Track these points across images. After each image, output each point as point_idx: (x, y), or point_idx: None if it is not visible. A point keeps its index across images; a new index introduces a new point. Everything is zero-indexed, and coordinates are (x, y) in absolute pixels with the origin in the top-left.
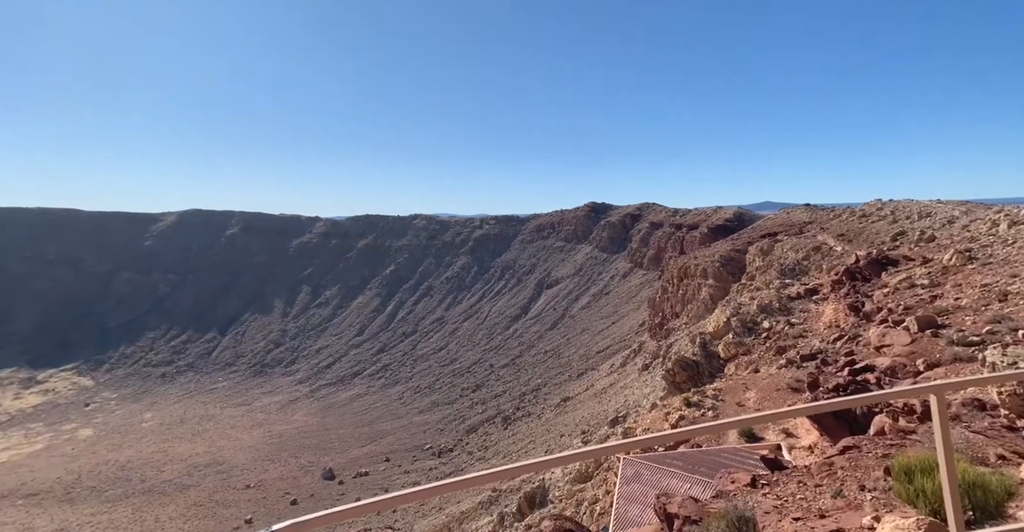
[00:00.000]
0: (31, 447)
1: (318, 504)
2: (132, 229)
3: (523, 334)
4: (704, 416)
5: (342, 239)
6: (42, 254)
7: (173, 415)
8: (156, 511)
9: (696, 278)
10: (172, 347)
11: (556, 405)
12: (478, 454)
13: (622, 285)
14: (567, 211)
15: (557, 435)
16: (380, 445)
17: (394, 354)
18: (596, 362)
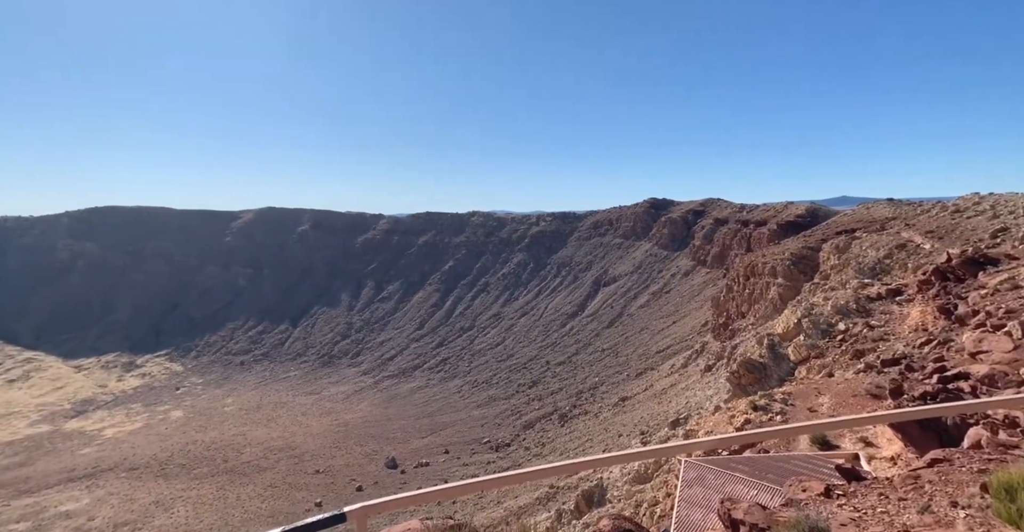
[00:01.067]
0: (132, 425)
1: (382, 491)
2: (214, 226)
3: (579, 332)
4: (772, 420)
5: (403, 236)
6: (139, 249)
7: (251, 401)
8: (237, 490)
9: (764, 277)
10: (250, 337)
11: (614, 404)
12: (535, 450)
13: (683, 283)
14: (625, 207)
15: (615, 435)
16: (440, 437)
17: (452, 348)
18: (655, 362)
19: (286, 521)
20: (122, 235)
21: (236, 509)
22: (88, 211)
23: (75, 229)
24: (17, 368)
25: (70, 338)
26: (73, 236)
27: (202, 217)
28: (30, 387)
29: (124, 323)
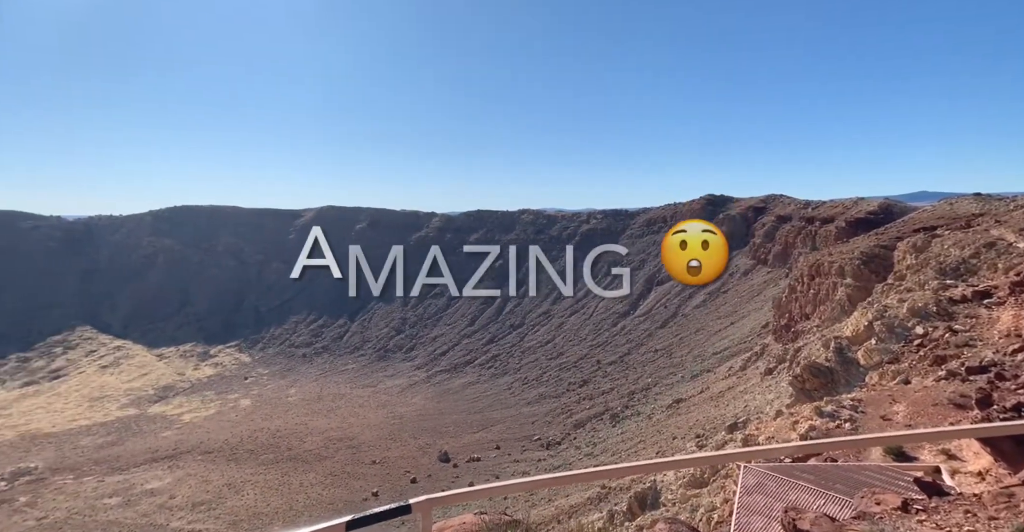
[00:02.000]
0: (206, 411)
1: (435, 484)
2: (279, 223)
3: (632, 331)
4: (839, 428)
5: (455, 233)
6: (213, 246)
7: (312, 392)
8: (300, 477)
9: (831, 277)
10: (311, 331)
11: (668, 406)
12: (586, 450)
13: (742, 283)
14: (680, 204)
15: (669, 437)
16: (491, 433)
17: (502, 345)
18: (712, 364)
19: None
20: (198, 232)
21: (299, 495)
22: (169, 210)
23: (157, 227)
24: (109, 355)
25: (153, 328)
26: (155, 233)
27: (268, 215)
28: (120, 373)
29: (199, 315)
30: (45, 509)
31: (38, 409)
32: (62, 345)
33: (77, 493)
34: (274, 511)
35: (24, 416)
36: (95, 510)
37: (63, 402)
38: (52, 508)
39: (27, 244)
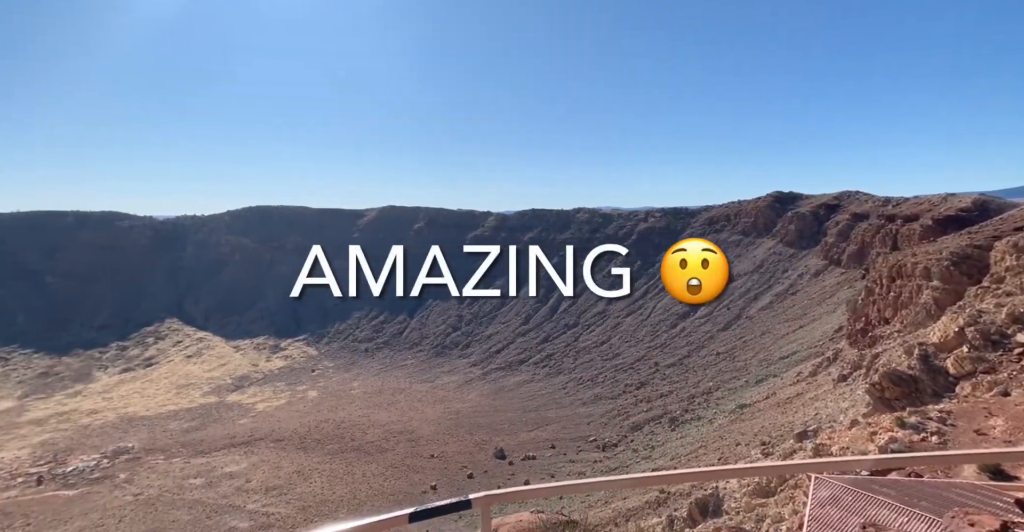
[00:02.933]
0: (277, 401)
1: (491, 481)
2: (343, 223)
3: (691, 333)
4: (925, 441)
5: (510, 233)
6: (283, 244)
7: (373, 386)
8: (363, 467)
9: (915, 279)
10: (372, 326)
11: (730, 411)
12: (643, 453)
13: (813, 285)
14: (745, 202)
15: (732, 443)
16: (545, 432)
17: (557, 345)
18: (779, 369)
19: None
20: (270, 231)
21: (362, 485)
22: (244, 210)
23: (234, 226)
24: (193, 346)
25: (230, 321)
26: (232, 232)
27: (333, 215)
28: (202, 362)
29: (271, 310)
30: (140, 486)
31: (134, 394)
32: (153, 335)
33: (167, 472)
34: (339, 499)
35: (123, 399)
36: (182, 489)
37: (155, 388)
38: (146, 485)
39: (124, 242)
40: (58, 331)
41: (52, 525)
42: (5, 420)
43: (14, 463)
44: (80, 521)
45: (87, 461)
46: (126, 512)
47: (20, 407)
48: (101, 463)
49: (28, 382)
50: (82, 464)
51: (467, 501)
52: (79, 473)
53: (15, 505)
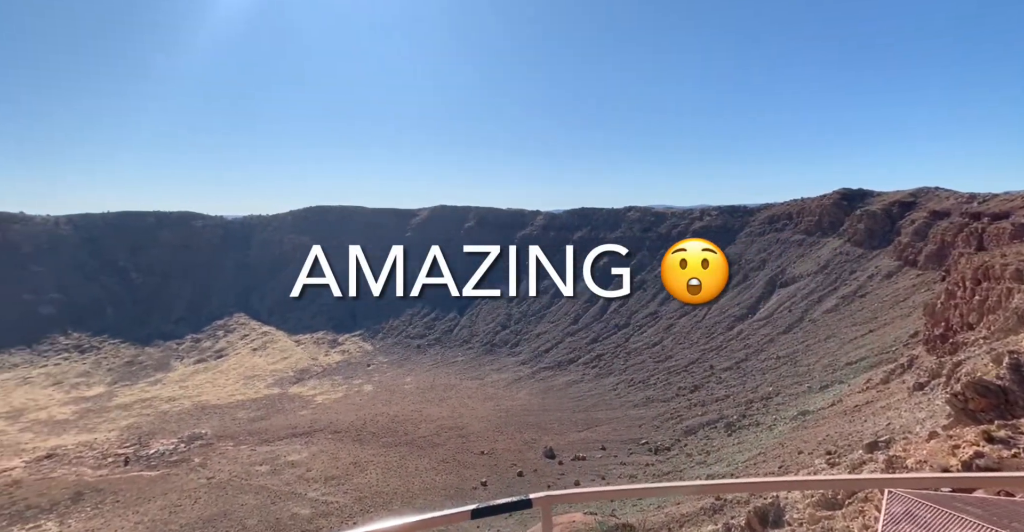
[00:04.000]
0: (335, 394)
1: (541, 479)
2: (396, 222)
3: (749, 336)
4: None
5: (559, 231)
6: (341, 243)
7: (425, 381)
8: (415, 461)
9: (1004, 281)
10: (424, 323)
11: (792, 418)
12: (698, 457)
13: (885, 287)
14: (809, 199)
15: (794, 451)
16: (596, 433)
17: (607, 345)
18: (846, 375)
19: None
20: (329, 230)
21: (415, 478)
22: (305, 210)
23: (296, 225)
24: (258, 339)
25: (292, 317)
26: (294, 231)
27: (388, 214)
28: (267, 355)
29: (329, 306)
30: (213, 470)
31: (207, 383)
32: (223, 329)
33: (236, 459)
34: (393, 491)
35: (197, 388)
36: (249, 475)
37: (224, 379)
38: (218, 470)
39: (198, 240)
40: (141, 323)
41: (137, 503)
42: (98, 404)
43: (105, 444)
44: (161, 500)
45: (166, 445)
46: (200, 494)
47: (110, 393)
48: (178, 447)
49: (116, 370)
50: (162, 447)
51: (528, 500)
52: (160, 456)
53: (106, 483)
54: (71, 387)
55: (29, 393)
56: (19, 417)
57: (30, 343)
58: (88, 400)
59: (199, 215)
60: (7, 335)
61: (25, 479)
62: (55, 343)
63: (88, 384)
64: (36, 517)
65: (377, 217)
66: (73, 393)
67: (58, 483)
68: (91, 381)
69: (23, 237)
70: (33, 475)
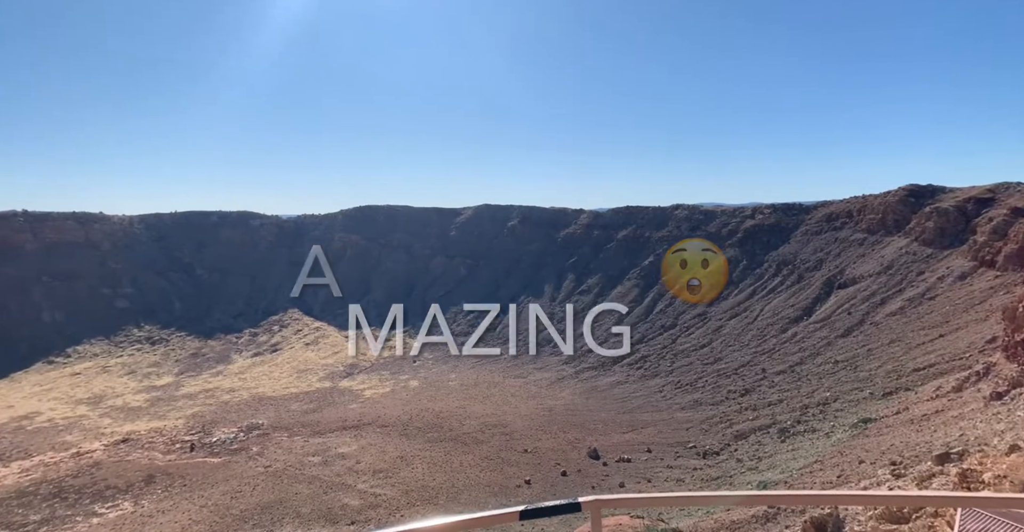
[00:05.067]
0: (383, 389)
1: (585, 480)
2: (442, 221)
3: (805, 339)
4: None
5: (603, 230)
6: (389, 241)
7: (469, 379)
8: (460, 457)
9: None
10: (468, 321)
11: (852, 425)
12: (749, 463)
13: (957, 289)
14: (871, 197)
15: (854, 460)
16: (641, 435)
17: (653, 346)
18: (912, 381)
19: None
20: (377, 229)
21: (460, 474)
22: (355, 209)
23: (346, 224)
24: (311, 334)
25: (342, 313)
26: (345, 230)
27: (433, 213)
28: (319, 350)
29: (377, 302)
30: (269, 459)
31: (263, 376)
32: (278, 324)
33: (290, 449)
34: (439, 486)
35: (254, 380)
36: (303, 465)
37: (279, 372)
38: (274, 459)
39: (255, 238)
40: (205, 317)
41: (203, 487)
42: (167, 393)
43: (173, 431)
44: (223, 486)
45: (227, 434)
46: (258, 481)
47: (177, 383)
48: (238, 436)
49: (183, 361)
50: (224, 436)
51: (576, 504)
52: (221, 444)
53: (175, 467)
54: (143, 376)
55: (107, 381)
56: (99, 403)
57: (108, 334)
58: (158, 389)
59: (257, 214)
60: (88, 327)
61: (104, 461)
62: (129, 335)
63: (158, 374)
64: (114, 497)
65: (423, 215)
66: (145, 382)
67: (133, 466)
68: (160, 371)
69: (102, 235)
70: (111, 457)
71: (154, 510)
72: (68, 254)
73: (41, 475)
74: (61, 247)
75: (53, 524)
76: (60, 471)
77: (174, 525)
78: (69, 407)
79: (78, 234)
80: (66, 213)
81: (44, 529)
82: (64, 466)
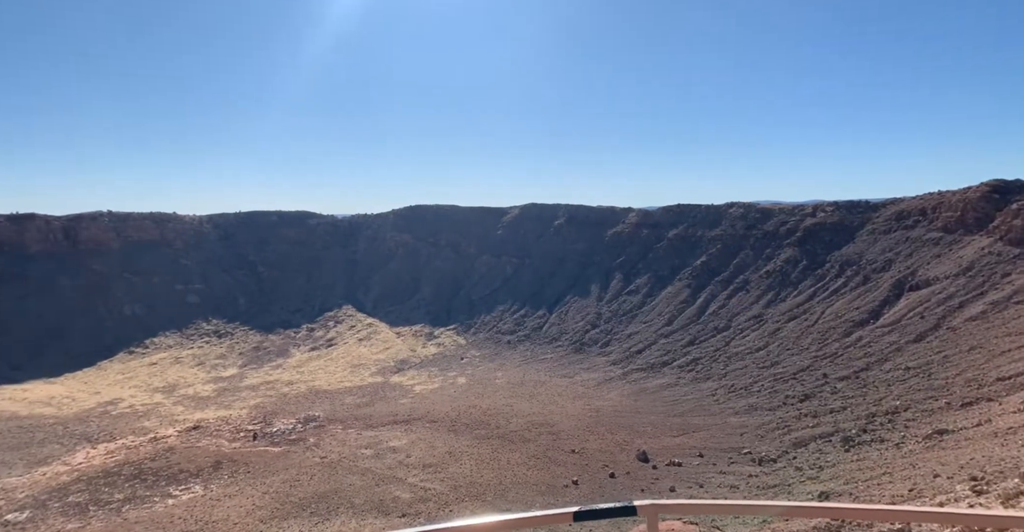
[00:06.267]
0: (431, 385)
1: (634, 483)
2: (489, 220)
3: (871, 344)
4: None
5: (653, 229)
6: (437, 240)
7: (515, 377)
8: (507, 455)
9: None
10: (514, 319)
11: (926, 436)
12: (809, 472)
13: None
14: (948, 193)
15: (928, 473)
16: (692, 439)
17: (705, 348)
18: (995, 391)
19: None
20: (427, 228)
21: (507, 472)
22: (406, 209)
23: (397, 224)
24: (364, 330)
25: (393, 310)
26: (396, 229)
27: (480, 213)
28: (371, 346)
29: (427, 300)
30: (325, 450)
31: (319, 370)
32: (333, 320)
33: (344, 441)
34: (487, 482)
35: (311, 374)
36: (356, 457)
37: (334, 366)
38: (329, 450)
39: (312, 237)
40: (266, 312)
41: (264, 474)
42: (232, 384)
43: (238, 420)
44: (283, 474)
45: (286, 424)
46: (314, 471)
47: (241, 375)
48: (296, 427)
49: (246, 354)
50: (283, 427)
51: (632, 507)
52: (281, 434)
53: (239, 455)
54: (211, 368)
55: (180, 372)
56: (172, 392)
57: (180, 327)
58: (224, 380)
59: (313, 214)
60: (163, 320)
61: (177, 446)
62: (199, 328)
63: (224, 366)
64: (186, 480)
65: (471, 215)
66: (213, 373)
67: (202, 452)
68: (226, 363)
69: (175, 234)
70: (184, 443)
71: (221, 494)
72: (146, 252)
73: (124, 457)
74: (140, 246)
75: (134, 503)
76: (140, 454)
77: (239, 509)
78: (147, 395)
79: (154, 233)
80: (144, 213)
81: (127, 507)
82: (143, 450)
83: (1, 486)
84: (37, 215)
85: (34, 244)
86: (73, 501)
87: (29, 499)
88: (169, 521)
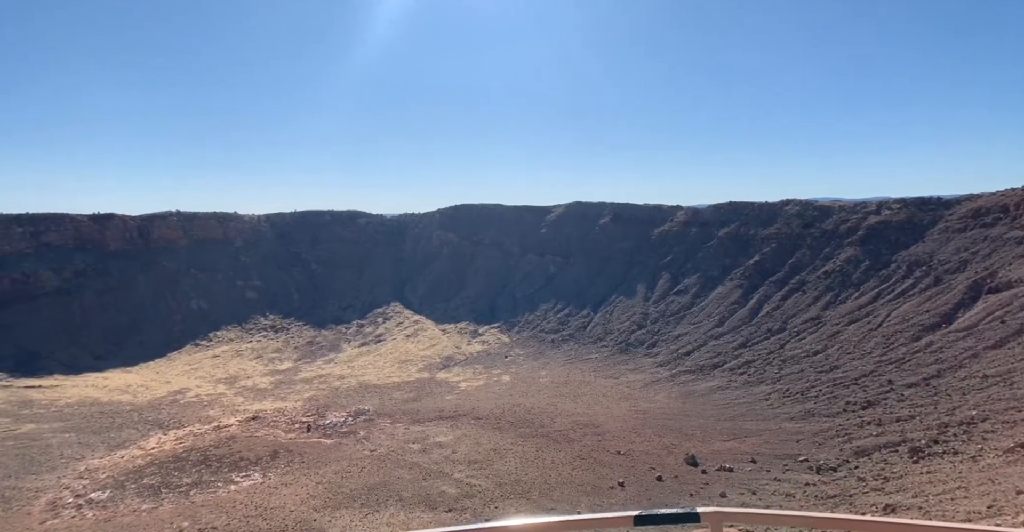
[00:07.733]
0: (476, 382)
1: (682, 487)
2: (533, 219)
3: (943, 349)
4: None
5: (702, 227)
6: (481, 239)
7: (559, 376)
8: (551, 454)
9: None
10: (558, 318)
11: (1007, 450)
12: (873, 483)
13: None
14: None
15: (1010, 490)
16: (744, 444)
17: (758, 351)
18: None
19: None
20: (471, 227)
21: (552, 471)
22: (451, 208)
23: (443, 223)
24: (411, 327)
25: (439, 307)
26: (442, 228)
27: (524, 211)
28: (417, 342)
29: (471, 298)
30: (374, 443)
31: (369, 365)
32: (382, 316)
33: (392, 435)
34: (531, 481)
35: (361, 369)
36: (404, 452)
37: (383, 361)
38: (378, 443)
39: (363, 236)
40: (319, 308)
41: (317, 465)
42: (287, 377)
43: (293, 412)
44: (335, 466)
45: (338, 417)
46: (365, 464)
47: (295, 368)
48: (347, 420)
49: (300, 348)
50: (335, 419)
51: (695, 514)
52: (333, 426)
53: (295, 445)
54: (268, 361)
55: (240, 364)
56: (233, 383)
57: (240, 322)
58: (280, 373)
59: (363, 213)
60: (225, 314)
61: (238, 435)
62: (257, 323)
63: (280, 359)
64: (247, 468)
65: (515, 214)
66: (270, 366)
67: (261, 441)
68: (282, 357)
69: (236, 233)
70: (244, 432)
71: (278, 483)
72: (210, 250)
73: (191, 443)
74: (205, 244)
75: (200, 487)
76: (205, 441)
77: (295, 498)
78: (211, 385)
79: (217, 232)
80: (208, 213)
81: (194, 491)
82: (208, 438)
83: (86, 466)
84: (116, 215)
85: (113, 242)
86: (147, 483)
87: (110, 480)
88: (232, 506)
